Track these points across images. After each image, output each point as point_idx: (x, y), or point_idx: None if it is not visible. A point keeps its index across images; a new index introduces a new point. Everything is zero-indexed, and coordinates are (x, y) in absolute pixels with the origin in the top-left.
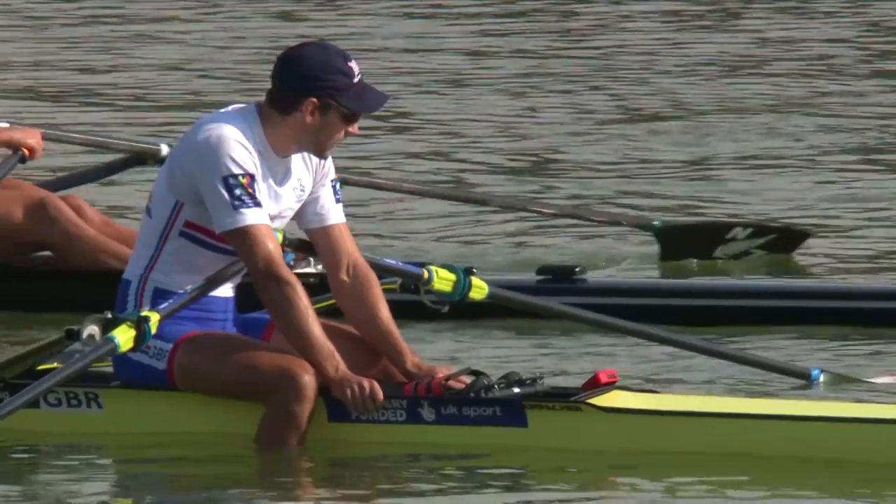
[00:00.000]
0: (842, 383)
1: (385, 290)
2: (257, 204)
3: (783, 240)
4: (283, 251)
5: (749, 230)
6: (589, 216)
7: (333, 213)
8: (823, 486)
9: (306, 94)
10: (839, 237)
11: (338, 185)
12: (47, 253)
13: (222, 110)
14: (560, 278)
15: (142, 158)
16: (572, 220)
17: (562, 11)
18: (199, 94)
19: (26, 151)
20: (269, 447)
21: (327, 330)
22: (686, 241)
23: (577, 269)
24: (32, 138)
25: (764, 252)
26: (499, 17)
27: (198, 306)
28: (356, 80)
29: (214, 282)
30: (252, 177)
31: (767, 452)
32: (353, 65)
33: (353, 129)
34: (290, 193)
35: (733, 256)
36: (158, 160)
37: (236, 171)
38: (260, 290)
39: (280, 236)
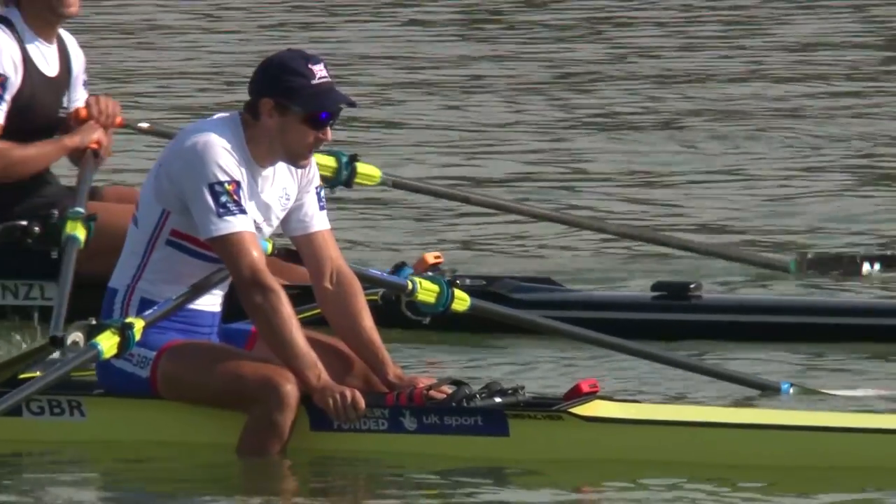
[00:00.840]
0: (811, 396)
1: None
2: (242, 211)
3: None
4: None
5: (877, 265)
6: (727, 254)
7: (317, 220)
8: (803, 494)
9: (262, 94)
10: None
11: (322, 192)
12: None
13: (207, 119)
14: (675, 295)
15: None
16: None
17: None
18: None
19: (94, 146)
20: (251, 456)
21: (309, 340)
22: (826, 276)
23: (691, 286)
24: (93, 132)
25: None
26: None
27: (185, 319)
28: (315, 81)
29: (200, 289)
30: (238, 184)
31: (747, 461)
32: (317, 68)
33: (325, 135)
34: (275, 201)
35: None
36: None
37: (222, 177)
38: (243, 297)
39: (269, 247)
